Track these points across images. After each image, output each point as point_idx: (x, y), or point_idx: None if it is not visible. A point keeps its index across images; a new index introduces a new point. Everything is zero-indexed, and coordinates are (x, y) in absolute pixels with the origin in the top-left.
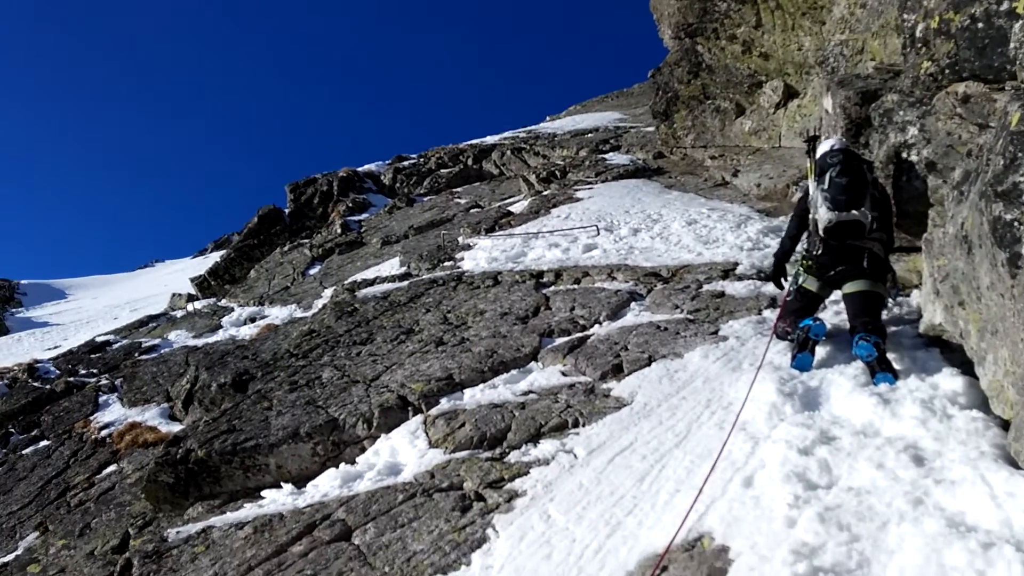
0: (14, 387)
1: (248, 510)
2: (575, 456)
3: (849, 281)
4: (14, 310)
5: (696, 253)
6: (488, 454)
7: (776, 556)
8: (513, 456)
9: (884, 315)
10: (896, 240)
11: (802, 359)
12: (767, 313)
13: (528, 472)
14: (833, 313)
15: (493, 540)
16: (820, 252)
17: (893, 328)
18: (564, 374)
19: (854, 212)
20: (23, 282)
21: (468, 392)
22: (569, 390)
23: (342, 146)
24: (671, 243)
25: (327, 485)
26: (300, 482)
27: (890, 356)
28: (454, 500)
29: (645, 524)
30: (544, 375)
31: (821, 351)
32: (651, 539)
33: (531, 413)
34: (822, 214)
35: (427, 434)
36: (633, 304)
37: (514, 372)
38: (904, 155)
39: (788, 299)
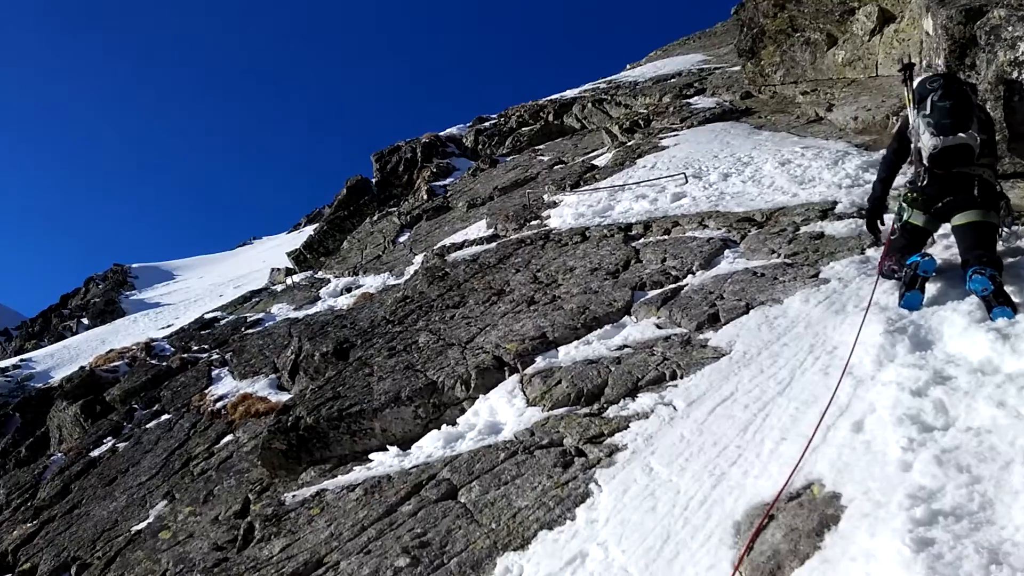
0: (134, 365)
1: (358, 473)
2: (674, 408)
3: (959, 212)
4: (128, 293)
5: (791, 194)
6: (586, 410)
7: (891, 501)
8: (611, 411)
9: (999, 246)
10: (1011, 165)
11: (911, 298)
12: (871, 252)
13: (627, 426)
14: (943, 248)
15: (596, 494)
16: (926, 183)
17: (1009, 260)
18: (659, 327)
19: (961, 135)
20: (134, 266)
21: (562, 350)
22: (665, 342)
23: (424, 112)
24: (764, 186)
25: (431, 446)
26: (405, 444)
27: (1008, 289)
28: (555, 456)
29: (751, 474)
30: (638, 329)
31: (931, 288)
32: (758, 488)
33: (627, 367)
34: (925, 141)
35: (524, 393)
36: (727, 252)
37: (607, 327)
38: (1015, 74)
39: (893, 237)
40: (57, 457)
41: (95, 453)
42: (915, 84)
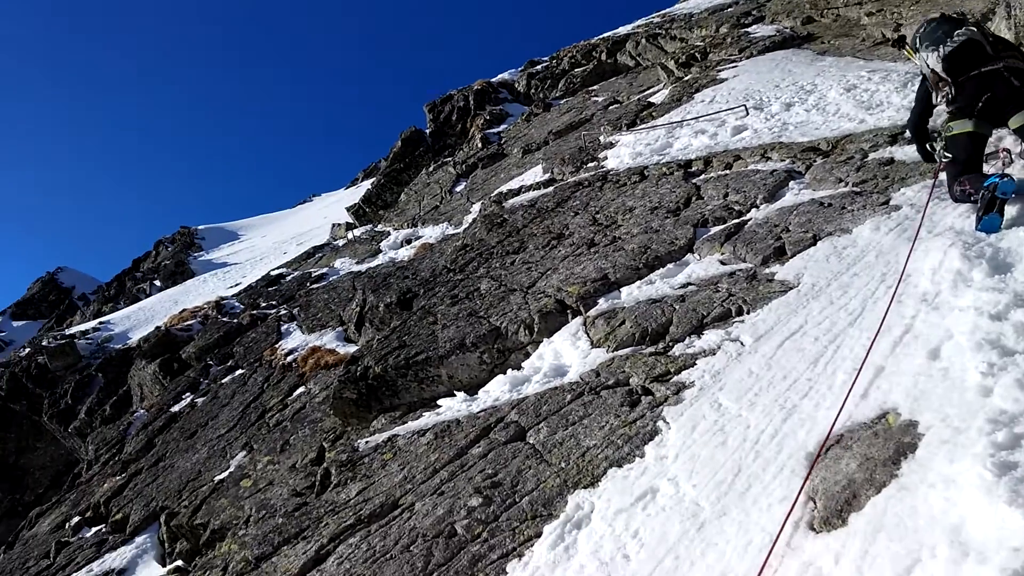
0: (207, 323)
1: (427, 418)
2: (742, 344)
3: (1016, 114)
4: (196, 254)
5: (858, 121)
6: (651, 349)
7: (971, 427)
8: (677, 349)
9: None
10: None
11: (989, 220)
12: (944, 176)
13: (694, 364)
14: (1021, 167)
15: (665, 432)
16: (954, 95)
17: None
18: (723, 263)
19: (959, 35)
20: (200, 227)
21: (625, 290)
22: (729, 278)
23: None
24: (829, 113)
25: (497, 391)
26: (471, 389)
27: None
28: (622, 396)
29: (822, 406)
30: (702, 266)
31: (1011, 210)
32: (830, 420)
33: (692, 305)
34: (932, 61)
35: (588, 335)
36: (791, 183)
37: (670, 266)
38: None
39: (945, 162)
40: (140, 413)
41: (175, 408)
42: (908, 40)
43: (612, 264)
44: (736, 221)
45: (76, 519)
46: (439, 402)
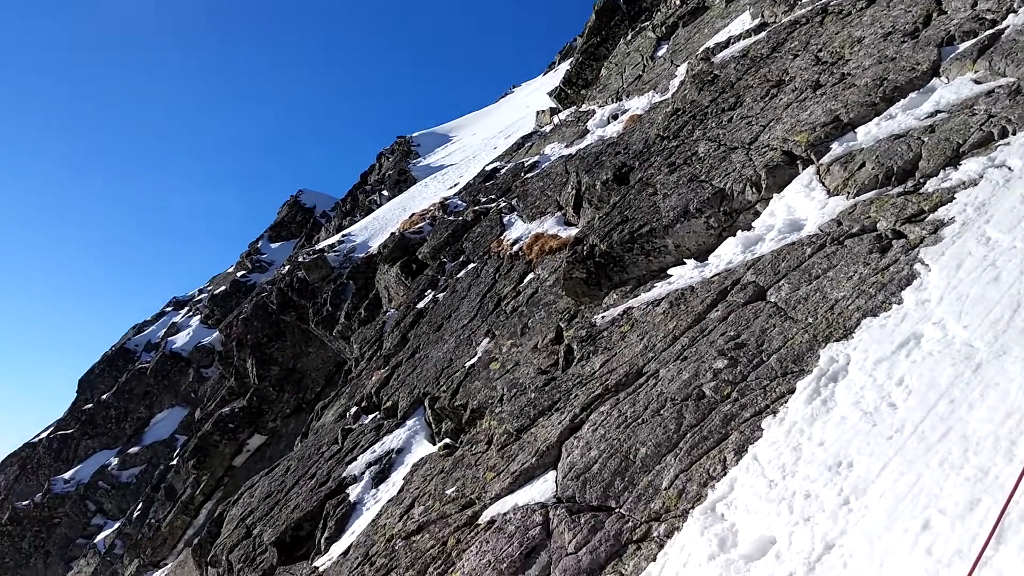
0: (435, 224)
1: (660, 289)
2: (1009, 169)
3: None
4: (414, 161)
5: None
6: (899, 189)
7: None
8: (930, 185)
9: None
10: None
11: None
12: None
13: (952, 198)
14: None
15: (924, 274)
16: None
17: None
18: (977, 82)
19: None
20: (415, 135)
21: (861, 130)
22: (987, 98)
23: None
24: None
25: (729, 253)
26: (701, 256)
27: None
28: (869, 243)
29: None
30: (951, 89)
31: None
32: None
33: (943, 135)
34: None
35: (823, 183)
36: None
37: (912, 95)
38: None
39: None
40: (391, 313)
41: (420, 305)
42: None
43: (843, 104)
44: (990, 32)
45: (354, 409)
46: (669, 272)
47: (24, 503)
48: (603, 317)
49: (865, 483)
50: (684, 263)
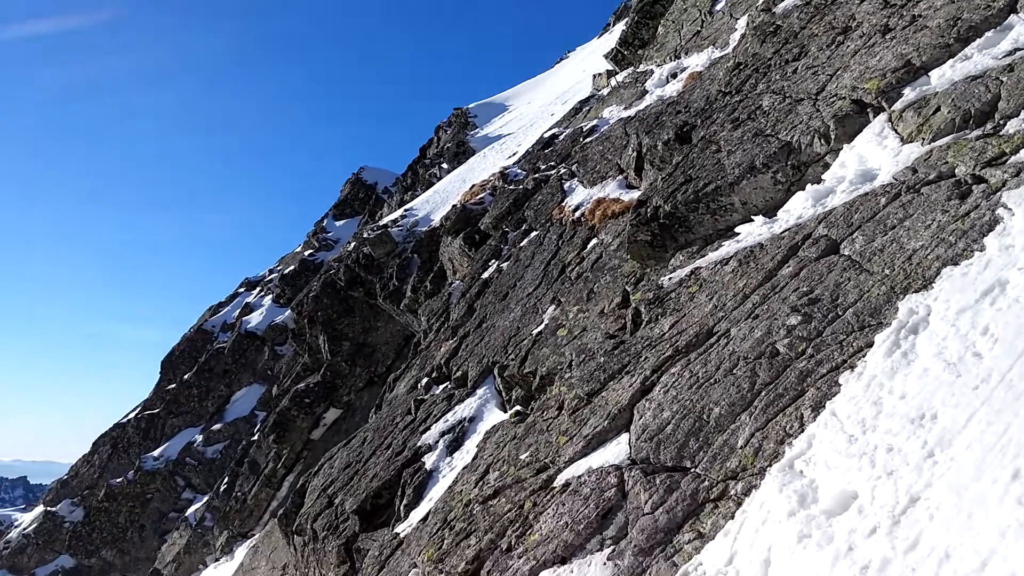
0: (496, 194)
1: (727, 247)
2: None
3: None
4: (472, 132)
5: None
6: (977, 132)
7: None
8: (1011, 126)
9: None
10: None
11: None
12: None
13: None
14: None
15: (1007, 219)
16: None
17: None
18: None
19: None
20: (471, 106)
21: (935, 73)
22: None
23: None
24: None
25: (798, 208)
26: (769, 212)
27: None
28: (947, 189)
29: None
30: None
31: None
32: None
33: (1023, 73)
34: None
35: (896, 131)
36: None
37: (989, 34)
38: None
39: None
40: (456, 284)
41: (484, 275)
42: None
43: (915, 47)
44: None
45: (425, 380)
46: (736, 230)
47: (118, 480)
48: (670, 279)
49: (950, 435)
50: (752, 220)
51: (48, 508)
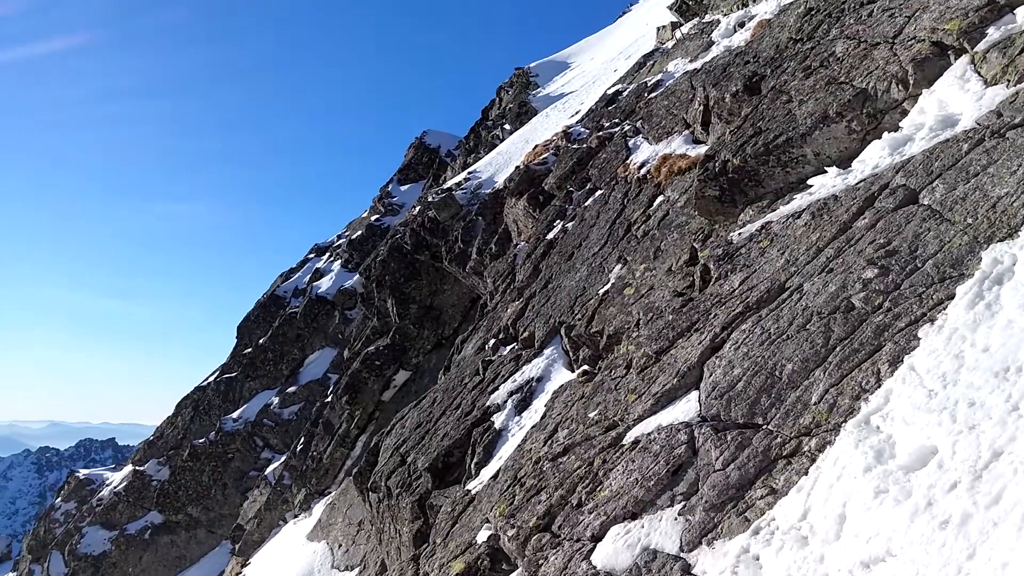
0: (559, 154)
1: (799, 200)
2: None
3: None
4: (534, 92)
5: None
6: None
7: None
8: None
9: None
10: None
11: None
12: None
13: None
14: None
15: None
16: None
17: None
18: None
19: None
20: (532, 65)
21: (1020, 11)
22: None
23: None
24: None
25: (875, 157)
26: (843, 163)
27: None
28: None
29: None
30: None
31: None
32: None
33: None
34: None
35: (978, 73)
36: None
37: None
38: None
39: None
40: (521, 246)
41: (549, 236)
42: None
43: None
44: None
45: (492, 341)
46: (809, 182)
47: (200, 441)
48: (740, 234)
49: None
50: (825, 171)
51: (136, 467)
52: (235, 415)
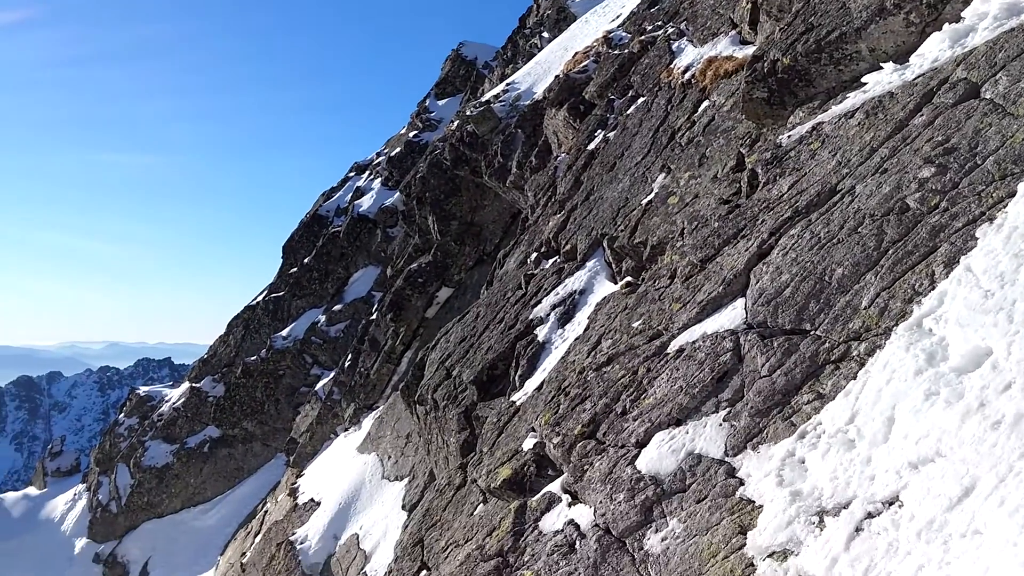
0: (600, 61)
1: (853, 99)
2: None
3: None
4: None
5: None
6: None
7: None
8: None
9: None
10: None
11: None
12: None
13: None
14: None
15: None
16: None
17: None
18: None
19: None
20: None
21: None
22: None
23: None
24: None
25: (934, 51)
26: (900, 58)
27: None
28: None
29: None
30: None
31: None
32: None
33: None
34: None
35: None
36: None
37: None
38: None
39: None
40: (562, 157)
41: (591, 146)
42: None
43: None
44: None
45: (534, 255)
46: (863, 80)
47: (252, 358)
48: (789, 137)
49: None
50: (880, 68)
51: (193, 384)
52: (284, 333)
